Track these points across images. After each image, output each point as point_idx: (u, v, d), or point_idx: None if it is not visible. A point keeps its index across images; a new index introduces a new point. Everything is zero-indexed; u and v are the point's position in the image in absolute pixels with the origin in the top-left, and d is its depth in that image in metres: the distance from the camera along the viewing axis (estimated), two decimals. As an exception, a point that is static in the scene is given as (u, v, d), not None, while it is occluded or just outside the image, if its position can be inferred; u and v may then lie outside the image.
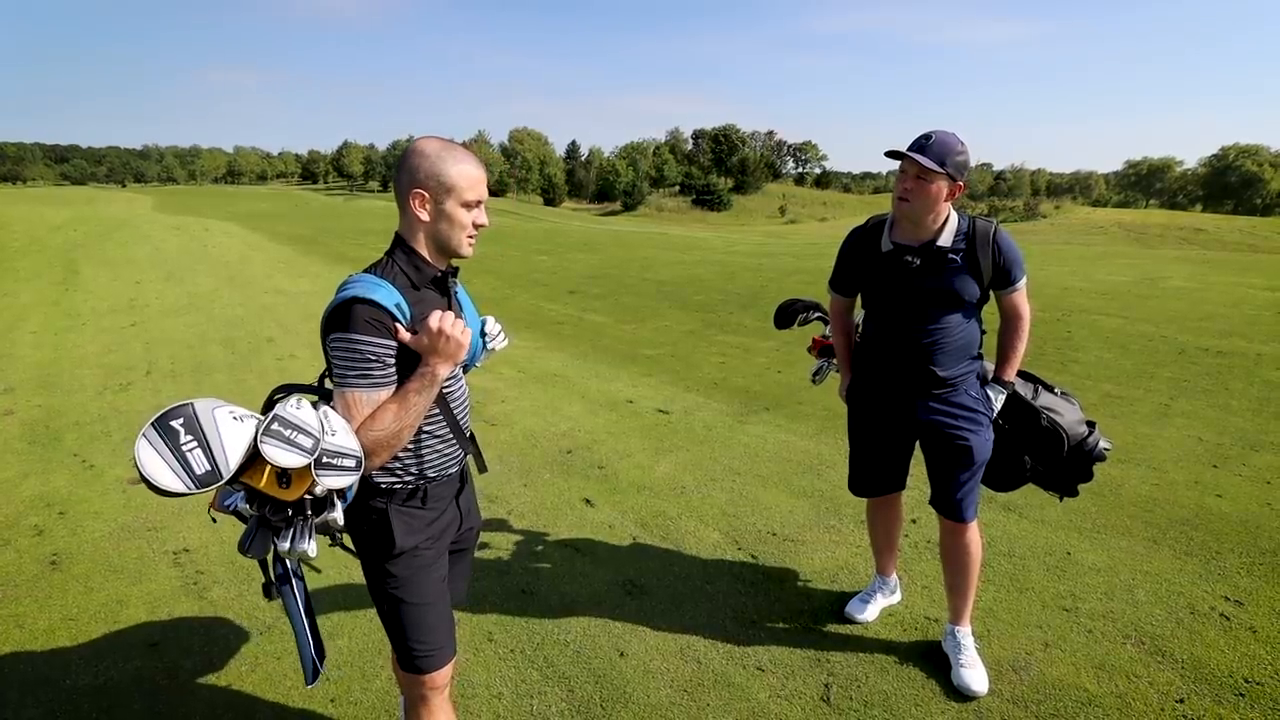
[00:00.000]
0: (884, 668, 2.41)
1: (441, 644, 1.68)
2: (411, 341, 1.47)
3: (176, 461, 1.21)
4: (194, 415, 1.26)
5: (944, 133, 2.03)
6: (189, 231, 20.05)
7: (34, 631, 2.71)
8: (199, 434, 1.24)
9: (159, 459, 1.21)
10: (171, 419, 1.25)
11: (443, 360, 1.48)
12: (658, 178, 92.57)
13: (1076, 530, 3.30)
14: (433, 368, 1.47)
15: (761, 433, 4.72)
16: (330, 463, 1.34)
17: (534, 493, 3.87)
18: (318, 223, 27.92)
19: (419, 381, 1.47)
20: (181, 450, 1.22)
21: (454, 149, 1.55)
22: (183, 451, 1.22)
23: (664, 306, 9.84)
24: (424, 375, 1.47)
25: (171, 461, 1.21)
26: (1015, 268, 2.14)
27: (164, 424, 1.25)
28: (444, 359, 1.48)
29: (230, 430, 1.26)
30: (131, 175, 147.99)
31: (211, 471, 1.23)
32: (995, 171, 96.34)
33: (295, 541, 1.38)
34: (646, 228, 37.84)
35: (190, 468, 1.22)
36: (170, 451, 1.22)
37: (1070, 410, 2.33)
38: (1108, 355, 6.36)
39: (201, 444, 1.23)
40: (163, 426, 1.24)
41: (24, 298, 10.17)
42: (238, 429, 1.28)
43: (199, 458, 1.22)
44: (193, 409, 1.27)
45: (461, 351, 1.49)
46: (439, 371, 1.48)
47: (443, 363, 1.48)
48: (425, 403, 1.49)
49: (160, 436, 1.23)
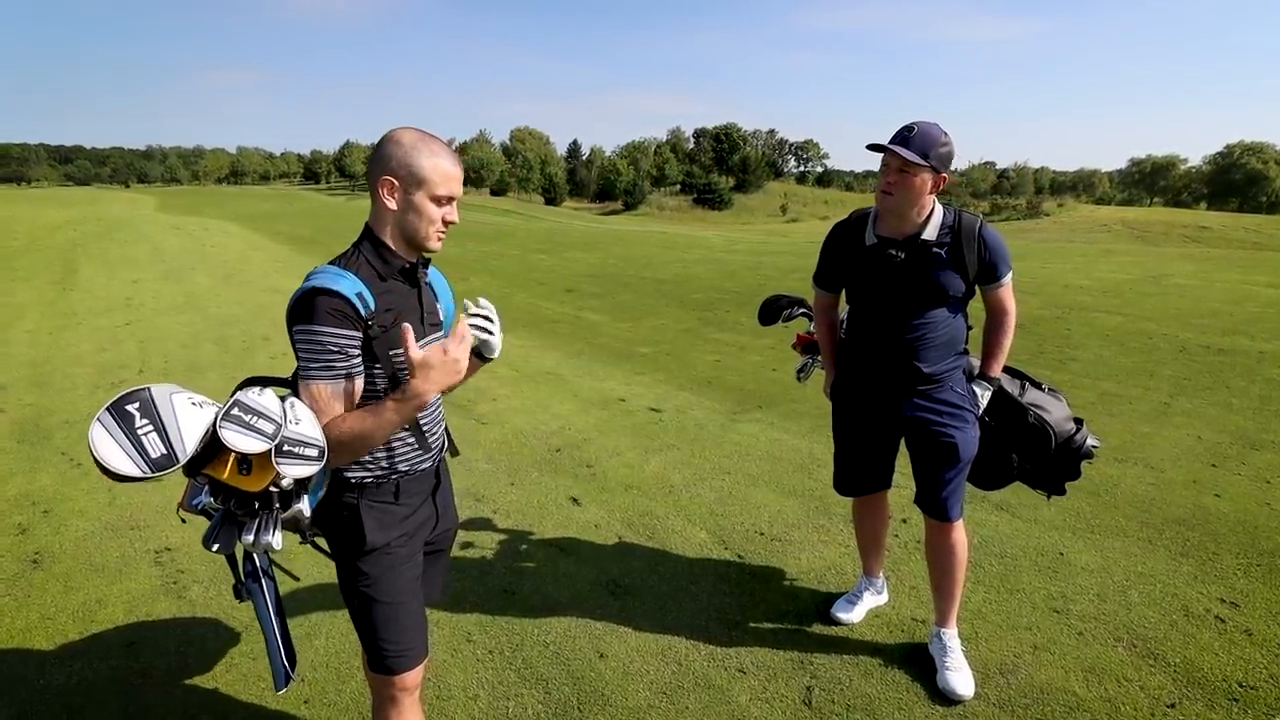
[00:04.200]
0: (868, 670, 2.36)
1: (412, 644, 1.63)
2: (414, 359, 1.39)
3: (131, 445, 1.19)
4: (150, 399, 1.24)
5: (927, 124, 1.98)
6: (189, 231, 20.08)
7: (10, 630, 2.67)
8: (155, 418, 1.22)
9: (113, 442, 1.19)
10: (127, 403, 1.23)
11: (429, 385, 1.40)
12: (659, 177, 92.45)
13: (1070, 530, 3.25)
14: (416, 389, 1.40)
15: (753, 431, 4.67)
16: (292, 451, 1.30)
17: (520, 491, 3.83)
18: (318, 222, 27.93)
19: (398, 400, 1.40)
20: (136, 434, 1.20)
21: (430, 142, 1.51)
22: (138, 435, 1.20)
23: (661, 305, 9.79)
24: (406, 396, 1.40)
25: (126, 445, 1.19)
26: (1001, 262, 2.09)
27: (119, 408, 1.22)
28: (431, 385, 1.41)
29: (188, 415, 1.24)
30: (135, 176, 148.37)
31: (167, 455, 1.20)
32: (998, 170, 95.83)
33: (259, 534, 1.34)
34: (647, 227, 37.80)
35: (145, 451, 1.19)
36: (125, 435, 1.19)
37: (1058, 407, 2.28)
38: (1107, 353, 6.29)
39: (157, 428, 1.21)
40: (118, 410, 1.22)
41: (21, 297, 10.17)
42: (196, 414, 1.25)
43: (154, 441, 1.20)
44: (149, 393, 1.25)
45: (451, 379, 1.43)
46: (425, 396, 1.41)
47: (428, 388, 1.41)
48: (399, 420, 1.42)
49: (115, 420, 1.21)
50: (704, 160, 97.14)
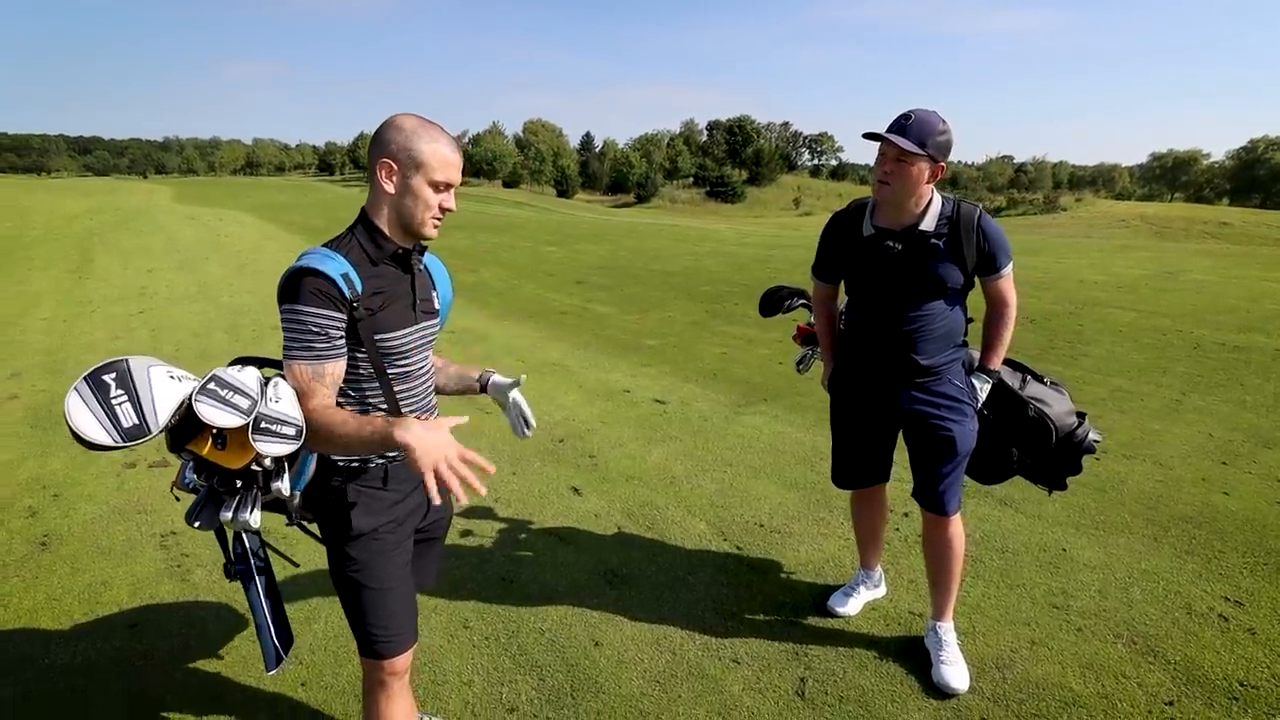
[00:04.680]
0: (863, 663, 2.36)
1: (401, 630, 1.64)
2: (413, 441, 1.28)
3: (105, 414, 1.21)
4: (127, 370, 1.25)
5: (925, 111, 1.95)
6: (203, 221, 20.25)
7: (18, 611, 2.72)
8: (130, 389, 1.23)
9: (87, 411, 1.20)
10: (104, 373, 1.24)
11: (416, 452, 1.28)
12: (671, 170, 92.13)
13: (1074, 526, 3.21)
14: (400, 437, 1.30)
15: (757, 424, 4.65)
16: (269, 428, 1.30)
17: (522, 481, 3.84)
18: (331, 213, 28.05)
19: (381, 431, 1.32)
20: (110, 404, 1.22)
21: (431, 128, 1.50)
22: (111, 405, 1.22)
23: (670, 297, 9.76)
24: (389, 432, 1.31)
25: (99, 414, 1.21)
26: (1000, 253, 2.06)
27: (96, 378, 1.24)
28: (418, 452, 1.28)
29: (164, 388, 1.25)
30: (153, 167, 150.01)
31: (139, 426, 1.22)
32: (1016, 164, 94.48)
33: (238, 512, 1.36)
34: (659, 219, 37.69)
35: (118, 421, 1.21)
36: (99, 404, 1.21)
37: (1059, 401, 2.25)
38: (1120, 349, 6.21)
39: (131, 399, 1.23)
40: (94, 380, 1.23)
41: (37, 285, 10.32)
42: (172, 387, 1.26)
43: (127, 411, 1.22)
44: (126, 364, 1.26)
45: (435, 456, 1.29)
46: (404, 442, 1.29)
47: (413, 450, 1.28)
48: (370, 445, 1.34)
49: (91, 390, 1.22)
50: (717, 153, 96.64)
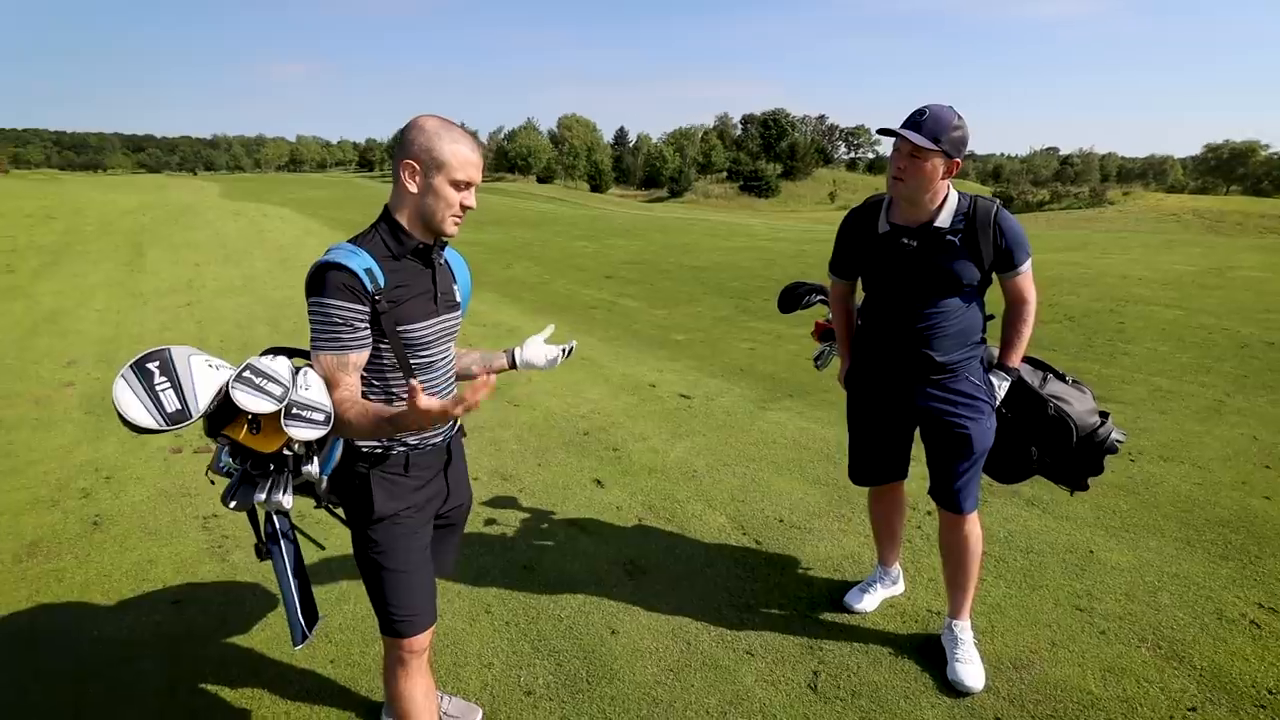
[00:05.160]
0: (877, 658, 2.36)
1: (419, 610, 1.71)
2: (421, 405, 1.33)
3: (150, 399, 1.31)
4: (169, 359, 1.36)
5: (939, 107, 1.94)
6: (248, 217, 20.86)
7: (70, 585, 2.89)
8: (172, 376, 1.34)
9: (134, 397, 1.31)
10: (148, 362, 1.35)
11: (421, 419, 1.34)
12: (705, 164, 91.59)
13: (1103, 528, 3.15)
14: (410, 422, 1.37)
15: (782, 419, 4.65)
16: (299, 414, 1.39)
17: (547, 472, 3.92)
18: (370, 209, 28.57)
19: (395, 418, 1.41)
20: (155, 390, 1.32)
21: (452, 129, 1.56)
22: (156, 391, 1.32)
23: (699, 292, 9.77)
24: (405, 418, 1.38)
25: (145, 399, 1.31)
26: (1018, 249, 2.04)
27: (141, 366, 1.34)
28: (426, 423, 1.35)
29: (203, 375, 1.35)
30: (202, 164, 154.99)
31: (181, 410, 1.32)
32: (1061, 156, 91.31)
33: (271, 493, 1.45)
34: (691, 214, 37.53)
35: (162, 405, 1.31)
36: (145, 390, 1.31)
37: (1081, 399, 2.22)
38: (1162, 348, 6.02)
39: (174, 385, 1.33)
40: (139, 368, 1.34)
41: (93, 278, 10.77)
42: (211, 374, 1.36)
43: (170, 397, 1.32)
44: (169, 353, 1.36)
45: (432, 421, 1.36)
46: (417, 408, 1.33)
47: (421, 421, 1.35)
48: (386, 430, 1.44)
49: (137, 377, 1.33)
50: (751, 147, 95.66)
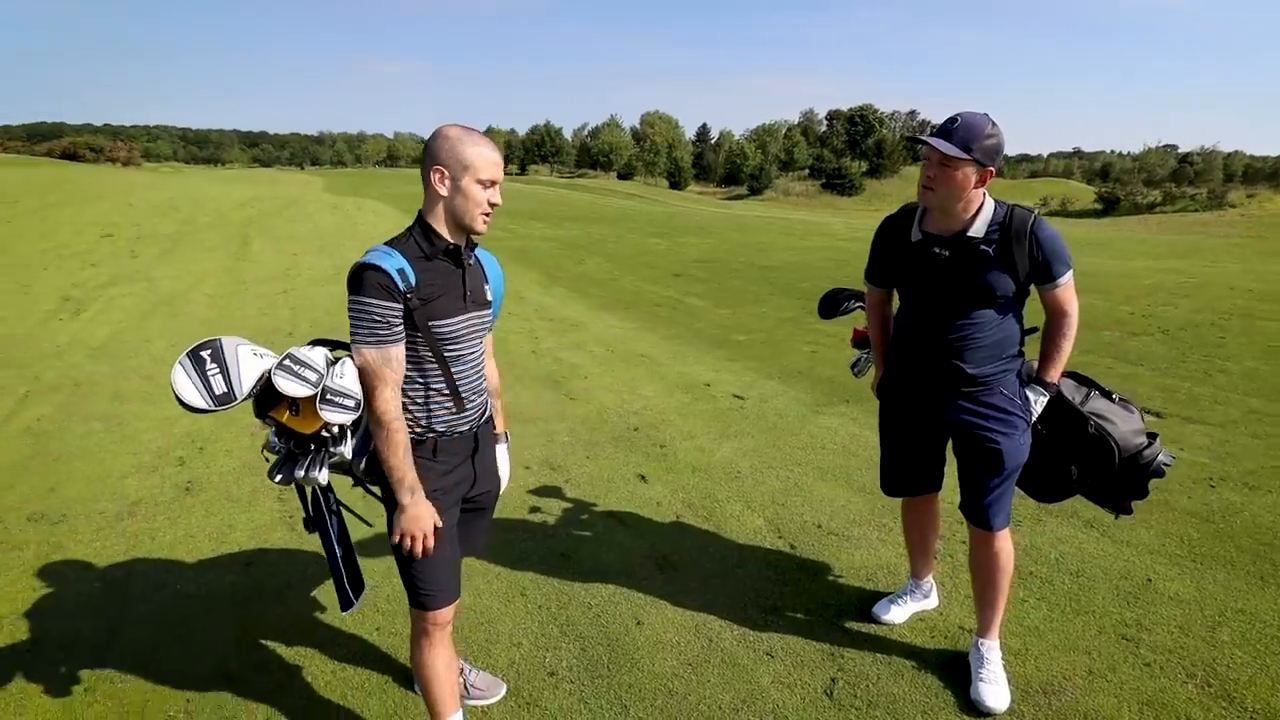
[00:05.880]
0: (899, 671, 2.34)
1: (442, 586, 1.84)
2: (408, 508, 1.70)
3: (201, 382, 1.52)
4: (220, 348, 1.56)
5: (972, 114, 1.90)
6: (345, 210, 22.16)
7: (161, 543, 3.24)
8: (222, 363, 1.54)
9: (188, 380, 1.52)
10: (202, 350, 1.55)
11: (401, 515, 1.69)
12: (787, 161, 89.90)
13: (1166, 556, 2.97)
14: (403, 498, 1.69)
15: (833, 425, 4.59)
16: (332, 399, 1.57)
17: (594, 465, 4.04)
18: (456, 203, 29.77)
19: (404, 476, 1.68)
20: (206, 375, 1.53)
21: (474, 134, 1.71)
22: (206, 376, 1.52)
23: (766, 292, 9.69)
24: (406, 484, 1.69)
25: (197, 383, 1.52)
26: (1056, 261, 1.97)
27: (195, 354, 1.55)
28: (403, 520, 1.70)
29: (249, 363, 1.55)
30: (308, 159, 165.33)
31: (227, 393, 1.52)
32: (1179, 154, 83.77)
33: (309, 470, 1.64)
34: (769, 212, 37.02)
35: (210, 388, 1.52)
36: (197, 375, 1.52)
37: (1126, 419, 2.11)
38: (1264, 367, 5.53)
39: (223, 371, 1.53)
40: (194, 356, 1.55)
41: (205, 265, 11.78)
42: (255, 362, 1.56)
43: (218, 381, 1.52)
44: (220, 343, 1.57)
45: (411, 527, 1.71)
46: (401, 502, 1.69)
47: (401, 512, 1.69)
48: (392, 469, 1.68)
49: (191, 363, 1.54)
50: (836, 144, 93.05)
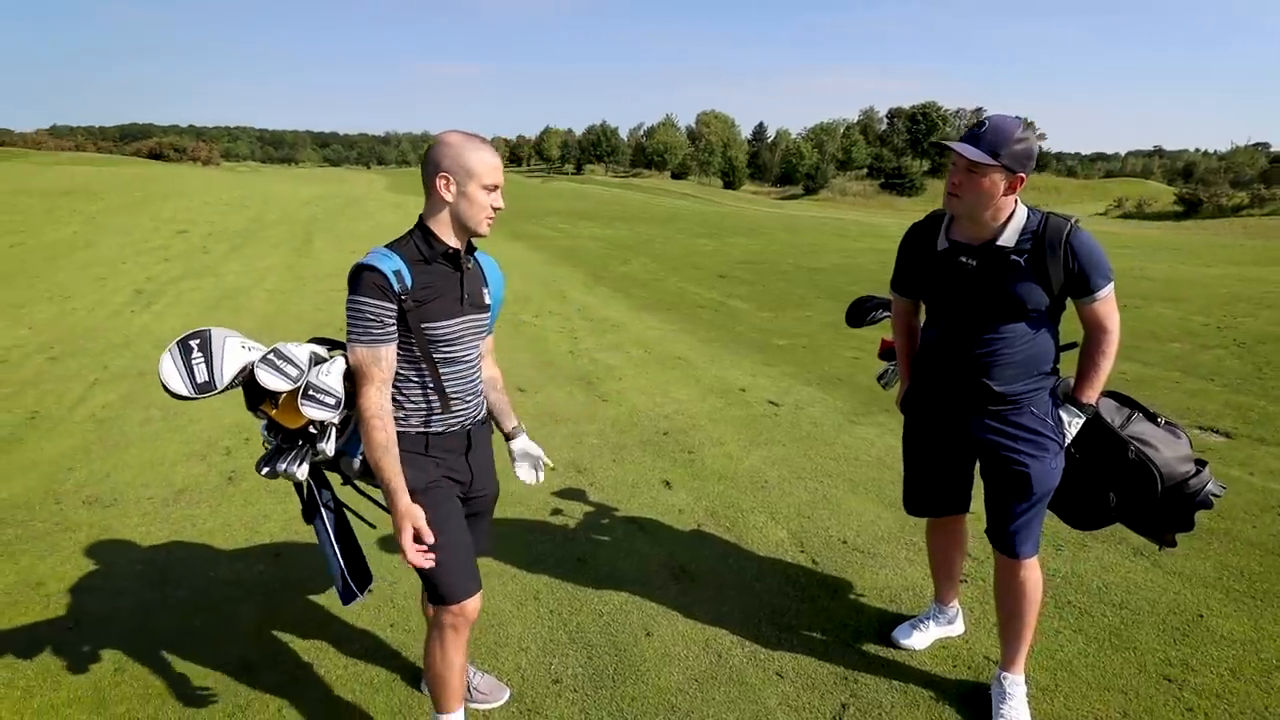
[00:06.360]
0: (915, 700, 2.23)
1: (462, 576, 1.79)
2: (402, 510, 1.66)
3: (185, 370, 1.58)
4: (209, 338, 1.62)
5: (1001, 118, 1.79)
6: (404, 209, 22.80)
7: (201, 530, 3.38)
8: (208, 353, 1.60)
9: (173, 367, 1.59)
10: (191, 339, 1.62)
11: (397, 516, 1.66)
12: (844, 160, 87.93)
13: (1222, 590, 2.75)
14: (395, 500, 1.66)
15: (870, 435, 4.44)
16: (312, 395, 1.61)
17: (620, 469, 4.01)
18: (509, 203, 29.99)
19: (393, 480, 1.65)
20: (190, 363, 1.59)
21: (474, 140, 1.71)
22: (190, 364, 1.59)
23: (812, 295, 9.49)
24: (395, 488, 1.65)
25: (181, 370, 1.58)
26: (1094, 273, 1.84)
27: (184, 343, 1.62)
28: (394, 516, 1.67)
29: (234, 355, 1.61)
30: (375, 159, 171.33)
31: (208, 382, 1.59)
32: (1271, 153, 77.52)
33: (289, 465, 1.68)
34: (824, 212, 36.32)
35: (193, 376, 1.58)
36: (183, 362, 1.59)
37: (1172, 445, 1.96)
38: (1356, 386, 5.08)
39: (207, 360, 1.59)
40: (183, 345, 1.61)
41: (268, 261, 12.31)
42: (241, 355, 1.62)
43: (201, 370, 1.59)
44: (209, 334, 1.63)
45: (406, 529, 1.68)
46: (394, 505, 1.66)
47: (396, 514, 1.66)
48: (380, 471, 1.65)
49: (179, 351, 1.61)
50: (896, 142, 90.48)
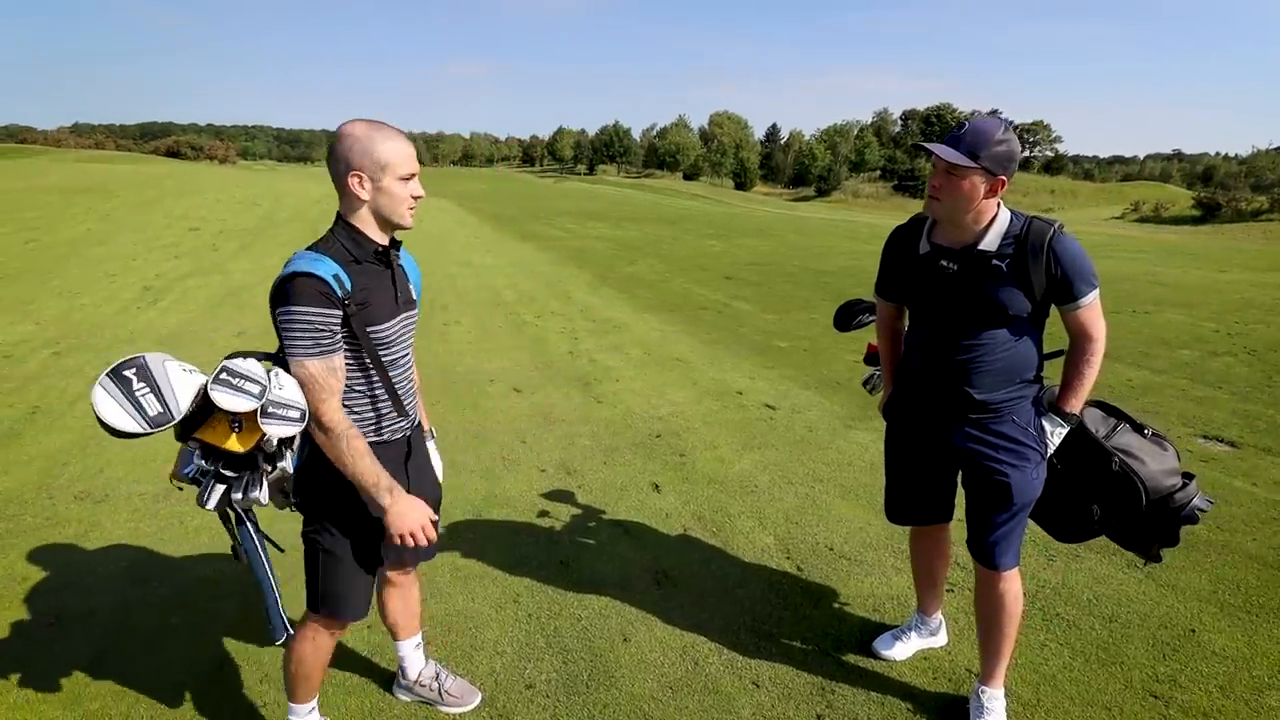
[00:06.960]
0: (892, 712, 2.18)
1: (359, 596, 1.80)
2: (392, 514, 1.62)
3: (131, 405, 1.39)
4: (145, 365, 1.44)
5: (983, 119, 1.75)
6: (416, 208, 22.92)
7: (188, 528, 3.37)
8: (151, 381, 1.42)
9: (114, 403, 1.38)
10: (125, 369, 1.42)
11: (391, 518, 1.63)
12: (858, 162, 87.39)
13: (1216, 604, 2.68)
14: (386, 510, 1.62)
15: (865, 441, 4.38)
16: (275, 412, 1.49)
17: (609, 471, 3.98)
18: (521, 204, 30.38)
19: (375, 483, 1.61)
20: (135, 395, 1.40)
21: (382, 128, 1.61)
22: (136, 396, 1.39)
23: (817, 298, 9.41)
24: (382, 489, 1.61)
25: (126, 405, 1.39)
26: (1078, 280, 1.79)
27: (118, 374, 1.41)
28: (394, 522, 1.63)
29: (180, 379, 1.45)
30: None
31: (163, 413, 1.41)
32: (1299, 155, 76.34)
33: (248, 491, 1.55)
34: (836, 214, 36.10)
35: (144, 410, 1.39)
36: (125, 397, 1.39)
37: (1158, 457, 1.90)
38: (1368, 396, 4.96)
39: (154, 390, 1.41)
40: (117, 376, 1.41)
41: (277, 259, 12.36)
42: (187, 378, 1.46)
43: (151, 401, 1.40)
44: (144, 360, 1.44)
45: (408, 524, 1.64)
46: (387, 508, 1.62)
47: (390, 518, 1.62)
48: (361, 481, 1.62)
49: (115, 385, 1.40)
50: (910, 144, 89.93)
